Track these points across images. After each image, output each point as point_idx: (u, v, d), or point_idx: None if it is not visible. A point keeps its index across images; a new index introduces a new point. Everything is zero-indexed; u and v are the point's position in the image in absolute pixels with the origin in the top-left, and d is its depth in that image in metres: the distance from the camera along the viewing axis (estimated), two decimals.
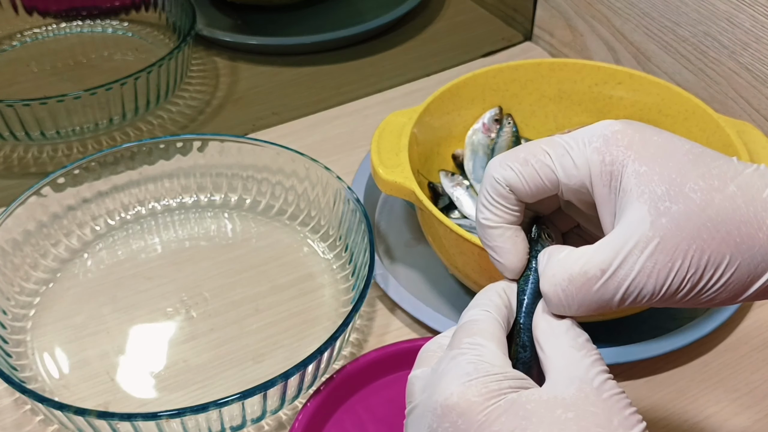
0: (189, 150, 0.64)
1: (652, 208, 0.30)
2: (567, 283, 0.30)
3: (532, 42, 0.89)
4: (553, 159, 0.32)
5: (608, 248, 0.30)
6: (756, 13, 0.62)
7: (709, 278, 0.30)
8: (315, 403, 0.49)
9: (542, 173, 0.32)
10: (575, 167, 0.32)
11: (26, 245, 0.59)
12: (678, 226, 0.29)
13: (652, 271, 0.29)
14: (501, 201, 0.34)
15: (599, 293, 0.30)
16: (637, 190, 0.30)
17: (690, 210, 0.29)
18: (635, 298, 0.30)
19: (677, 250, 0.29)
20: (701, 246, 0.29)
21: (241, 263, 0.62)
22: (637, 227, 0.30)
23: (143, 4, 0.89)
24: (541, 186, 0.33)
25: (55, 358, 0.55)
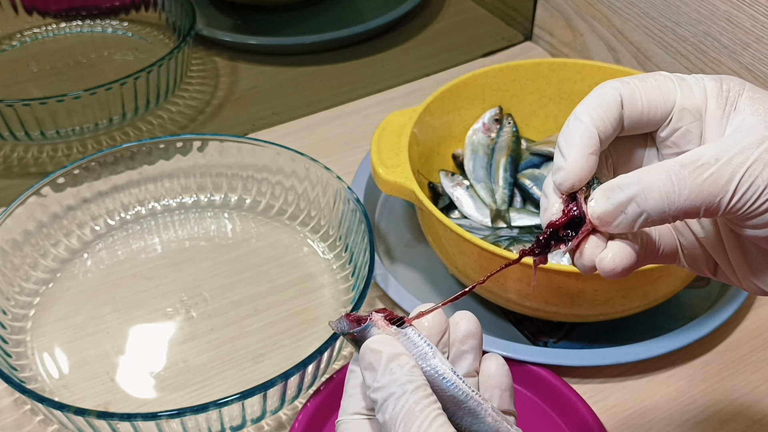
0: (189, 150, 0.64)
1: (766, 119, 0.29)
2: (679, 167, 0.29)
3: (532, 42, 0.89)
4: (672, 79, 0.32)
5: (721, 144, 0.29)
6: (756, 13, 0.62)
7: None
8: (315, 403, 0.49)
9: (662, 89, 0.31)
10: (691, 89, 0.31)
11: (26, 245, 0.59)
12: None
13: None
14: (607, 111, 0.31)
15: (712, 179, 0.28)
16: (750, 108, 0.30)
17: None
18: (748, 191, 0.28)
19: None
20: None
21: (240, 263, 0.62)
22: (752, 128, 0.29)
23: (143, 4, 0.89)
24: (656, 101, 0.31)
25: (55, 358, 0.55)
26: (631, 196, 0.29)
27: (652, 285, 0.51)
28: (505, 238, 0.57)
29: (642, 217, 0.30)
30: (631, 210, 0.30)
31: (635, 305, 0.53)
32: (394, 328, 0.32)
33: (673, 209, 0.29)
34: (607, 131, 0.31)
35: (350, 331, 0.33)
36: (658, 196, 0.29)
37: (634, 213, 0.30)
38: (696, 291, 0.59)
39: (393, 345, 0.31)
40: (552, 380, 0.51)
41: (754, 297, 0.59)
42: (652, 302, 0.54)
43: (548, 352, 0.52)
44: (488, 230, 0.59)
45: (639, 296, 0.52)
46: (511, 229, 0.58)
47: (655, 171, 0.29)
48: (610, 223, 0.30)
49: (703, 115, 0.31)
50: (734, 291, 0.56)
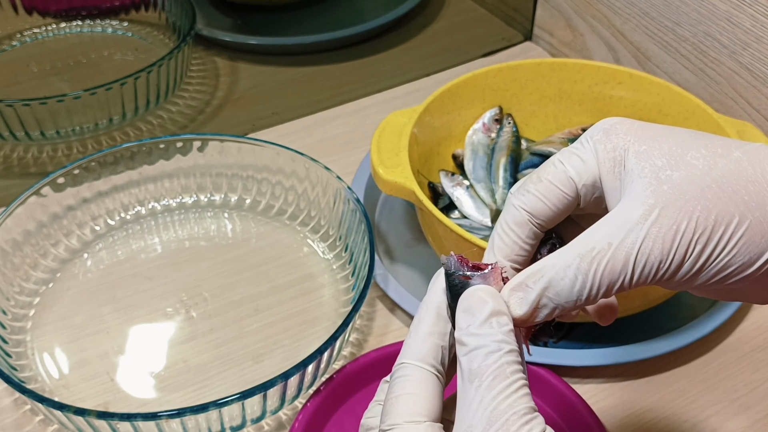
0: (189, 150, 0.64)
1: (653, 179, 0.29)
2: (579, 260, 0.30)
3: (532, 42, 0.89)
4: (564, 164, 0.32)
5: (613, 222, 0.30)
6: (756, 12, 0.62)
7: (718, 239, 0.29)
8: (315, 404, 0.49)
9: (558, 182, 0.32)
10: (583, 162, 0.32)
11: (26, 245, 0.59)
12: (680, 190, 0.29)
13: (657, 236, 0.29)
14: (517, 231, 0.33)
15: (609, 265, 0.29)
16: (638, 168, 0.30)
17: (692, 174, 0.29)
18: (645, 268, 0.29)
19: (681, 213, 0.29)
20: (706, 206, 0.28)
21: (240, 263, 0.62)
22: (639, 199, 0.29)
23: (143, 4, 0.89)
24: (560, 197, 0.32)
25: (55, 358, 0.55)
26: (540, 292, 0.31)
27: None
28: None
29: (557, 309, 0.31)
30: (544, 304, 0.31)
31: (635, 305, 0.53)
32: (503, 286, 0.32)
33: (582, 297, 0.30)
34: (522, 251, 0.33)
35: (465, 273, 0.32)
36: (566, 291, 0.30)
37: (548, 308, 0.31)
38: None
39: (500, 302, 0.31)
40: (552, 380, 0.51)
41: None
42: (652, 302, 0.54)
43: (548, 352, 0.52)
44: (488, 230, 0.59)
45: (639, 296, 0.52)
46: None
47: (558, 265, 0.30)
48: (528, 320, 0.31)
49: (601, 183, 0.32)
50: None
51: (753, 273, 0.29)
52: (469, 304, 0.31)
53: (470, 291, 0.31)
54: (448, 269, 0.32)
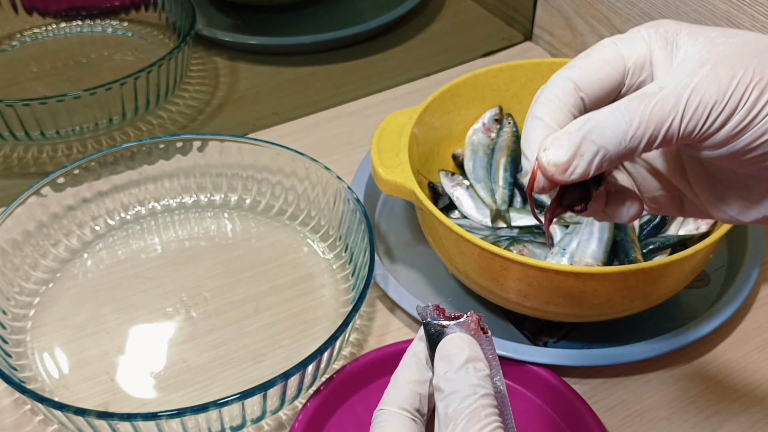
0: (189, 150, 0.64)
1: (708, 43, 0.29)
2: (627, 101, 0.29)
3: (532, 42, 0.89)
4: (615, 43, 0.32)
5: (667, 75, 0.30)
6: (756, 13, 0.62)
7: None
8: (315, 404, 0.49)
9: (607, 56, 0.31)
10: (633, 43, 0.31)
11: (26, 245, 0.59)
12: (737, 49, 0.29)
13: (714, 77, 0.28)
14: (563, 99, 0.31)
15: (660, 104, 0.29)
16: (691, 41, 0.30)
17: (747, 40, 0.29)
18: (698, 108, 0.29)
19: (738, 63, 0.29)
20: (762, 62, 0.29)
21: (240, 263, 0.62)
22: (694, 56, 0.29)
23: (143, 4, 0.89)
24: (608, 72, 0.31)
25: (55, 358, 0.55)
26: (584, 135, 0.29)
27: (652, 285, 0.51)
28: (505, 238, 0.57)
29: (599, 156, 0.29)
30: (587, 149, 0.29)
31: (635, 305, 0.53)
32: (481, 335, 0.34)
33: (627, 140, 0.29)
34: (566, 118, 0.31)
35: (441, 322, 0.33)
36: (612, 131, 0.29)
37: (590, 152, 0.29)
38: (696, 291, 0.59)
39: (477, 349, 0.32)
40: (552, 380, 0.51)
41: (754, 297, 0.59)
42: (652, 302, 0.54)
43: (548, 352, 0.52)
44: (488, 230, 0.59)
45: (639, 296, 0.52)
46: (511, 229, 0.58)
47: (604, 110, 0.29)
48: (566, 170, 0.30)
49: (651, 62, 0.31)
50: (734, 291, 0.56)
51: None
52: (447, 352, 0.32)
53: (448, 339, 0.33)
54: (424, 318, 0.34)
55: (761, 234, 0.60)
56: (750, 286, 0.56)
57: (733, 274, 0.58)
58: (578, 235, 0.55)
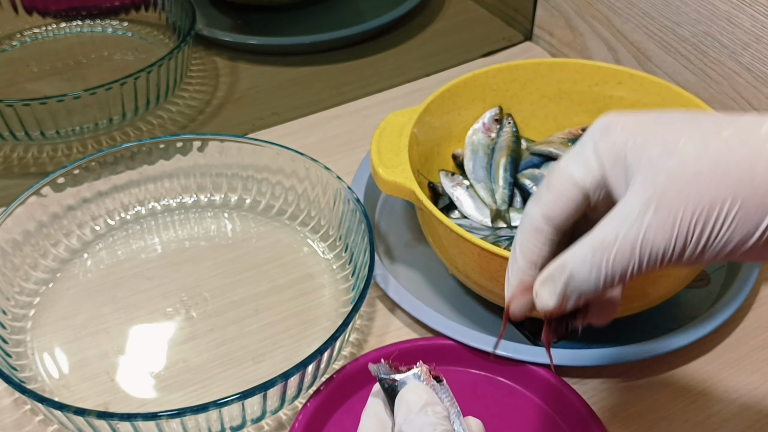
0: (189, 150, 0.64)
1: (649, 171, 0.31)
2: (592, 254, 0.32)
3: (532, 42, 0.89)
4: (569, 169, 0.34)
5: (618, 215, 0.32)
6: (756, 13, 0.62)
7: (715, 220, 0.30)
8: (315, 404, 0.49)
9: (566, 188, 0.34)
10: (587, 165, 0.34)
11: (26, 245, 0.59)
12: (675, 179, 0.31)
13: (658, 225, 0.31)
14: (537, 237, 0.36)
15: (619, 255, 0.32)
16: (636, 161, 0.32)
17: (685, 161, 0.31)
18: (651, 255, 0.31)
19: (677, 201, 0.30)
20: (699, 191, 0.30)
21: (241, 263, 0.62)
22: (638, 191, 0.32)
23: (143, 4, 0.89)
24: (570, 200, 0.35)
25: (55, 358, 0.55)
26: (565, 282, 0.34)
27: (652, 285, 0.51)
28: (505, 238, 0.57)
29: (582, 298, 0.34)
30: (570, 293, 0.34)
31: (635, 305, 0.53)
32: (434, 383, 0.37)
33: (600, 285, 0.33)
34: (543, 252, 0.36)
35: (392, 377, 0.36)
36: (585, 280, 0.33)
37: (573, 297, 0.34)
38: (696, 291, 0.59)
39: (433, 395, 0.36)
40: (552, 380, 0.51)
41: (754, 297, 0.59)
42: (652, 302, 0.54)
43: None
44: (488, 230, 0.59)
45: (639, 296, 0.52)
46: (511, 229, 0.58)
47: (577, 257, 0.33)
48: (563, 309, 0.35)
49: (606, 179, 0.34)
50: (734, 291, 0.56)
51: (754, 244, 0.31)
52: (405, 399, 0.35)
53: (405, 389, 0.36)
54: (378, 376, 0.37)
55: None
56: (750, 286, 0.56)
57: (733, 273, 0.58)
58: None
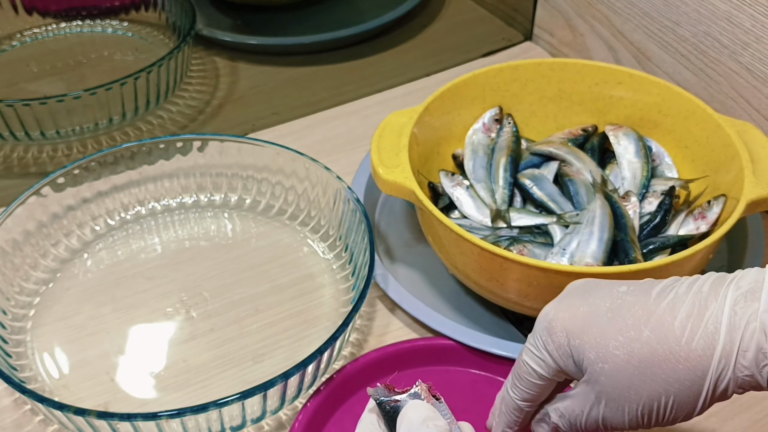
0: (189, 150, 0.65)
1: (592, 372, 0.37)
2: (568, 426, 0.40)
3: (532, 42, 0.89)
4: (531, 365, 0.40)
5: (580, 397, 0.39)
6: (756, 12, 0.62)
7: (657, 410, 0.36)
8: (315, 403, 0.49)
9: (532, 379, 0.40)
10: (543, 360, 0.39)
11: (26, 245, 0.59)
12: (614, 380, 0.36)
13: (613, 413, 0.37)
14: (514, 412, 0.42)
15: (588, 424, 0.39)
16: (579, 359, 0.38)
17: (618, 366, 0.36)
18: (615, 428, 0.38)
19: (621, 398, 0.36)
20: (638, 390, 0.36)
21: (241, 263, 0.62)
22: (590, 385, 0.37)
23: (143, 4, 0.89)
24: (538, 386, 0.40)
25: (55, 358, 0.55)
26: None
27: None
28: (505, 238, 0.57)
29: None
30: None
31: None
32: (434, 401, 0.38)
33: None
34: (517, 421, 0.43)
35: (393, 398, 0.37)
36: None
37: None
38: None
39: (434, 412, 0.38)
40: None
41: None
42: None
43: None
44: (488, 230, 0.59)
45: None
46: (511, 229, 0.58)
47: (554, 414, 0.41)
48: None
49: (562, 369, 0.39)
50: None
51: (700, 412, 0.36)
52: (407, 417, 0.38)
53: (407, 407, 0.38)
54: (377, 399, 0.38)
55: (761, 234, 0.60)
56: None
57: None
58: (578, 235, 0.55)
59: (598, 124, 0.66)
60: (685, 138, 0.62)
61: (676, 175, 0.62)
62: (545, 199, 0.60)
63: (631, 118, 0.65)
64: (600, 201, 0.57)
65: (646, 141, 0.63)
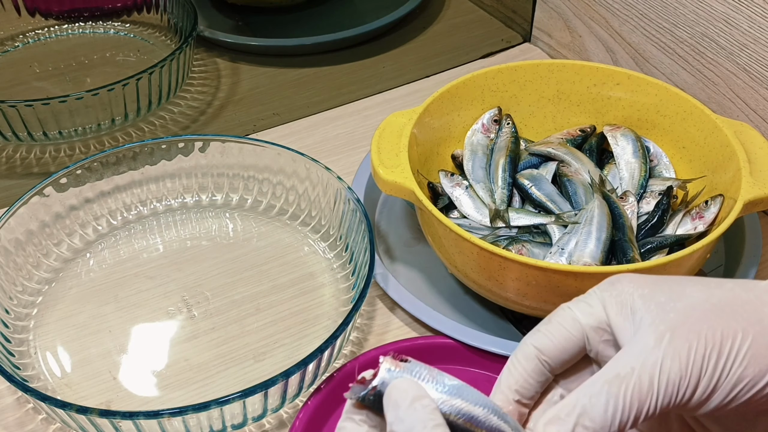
0: (191, 150, 0.65)
1: (659, 311, 0.33)
2: (608, 386, 0.32)
3: (530, 43, 0.89)
4: (572, 308, 0.35)
5: (631, 351, 0.33)
6: (753, 14, 0.62)
7: (728, 351, 0.32)
8: (315, 402, 0.50)
9: (564, 322, 0.35)
10: (590, 307, 0.35)
11: (29, 245, 0.59)
12: (685, 316, 0.32)
13: (674, 354, 0.32)
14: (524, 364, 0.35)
15: (636, 387, 0.32)
16: (644, 306, 0.33)
17: (693, 303, 0.32)
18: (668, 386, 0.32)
19: (690, 333, 0.32)
20: (711, 325, 0.32)
21: (242, 263, 0.62)
22: (650, 328, 0.33)
23: (145, 6, 0.90)
24: (566, 336, 0.35)
25: (58, 357, 0.55)
26: (576, 420, 0.32)
27: None
28: (504, 237, 0.58)
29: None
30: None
31: None
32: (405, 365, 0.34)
33: (616, 424, 0.32)
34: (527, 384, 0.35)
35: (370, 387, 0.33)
36: (600, 417, 0.32)
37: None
38: None
39: (418, 387, 0.33)
40: None
41: None
42: None
43: None
44: (487, 230, 0.59)
45: None
46: (510, 229, 0.59)
47: (588, 393, 0.32)
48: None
49: (610, 326, 0.35)
50: None
51: (763, 388, 0.32)
52: (392, 399, 0.33)
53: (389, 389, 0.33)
54: (357, 396, 0.34)
55: (758, 233, 0.60)
56: None
57: (731, 273, 0.58)
58: (576, 234, 0.56)
59: (596, 124, 0.67)
60: (683, 138, 0.62)
61: (673, 175, 0.63)
62: (544, 199, 0.61)
63: (629, 119, 0.65)
64: (598, 201, 0.57)
65: (644, 141, 0.64)
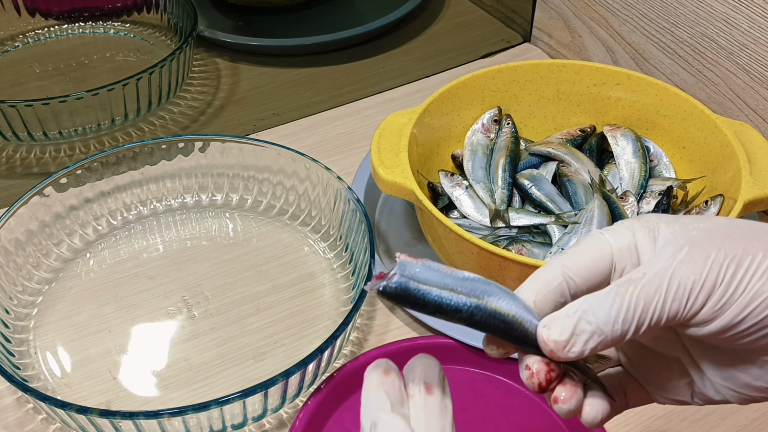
0: (191, 150, 0.65)
1: (682, 230, 0.32)
2: (616, 287, 0.32)
3: (530, 43, 0.89)
4: (602, 231, 0.35)
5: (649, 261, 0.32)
6: (753, 14, 0.62)
7: (747, 265, 0.31)
8: (316, 402, 0.50)
9: (595, 243, 0.34)
10: (619, 232, 0.34)
11: (29, 245, 0.59)
12: (708, 232, 0.32)
13: (690, 261, 0.31)
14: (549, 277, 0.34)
15: (644, 288, 0.31)
16: (668, 229, 0.33)
17: (717, 225, 0.32)
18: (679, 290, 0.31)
19: (711, 246, 0.31)
20: (733, 242, 0.31)
21: (242, 263, 0.62)
22: (670, 242, 0.32)
23: (145, 6, 0.90)
24: (594, 256, 0.34)
25: (58, 357, 0.55)
26: (581, 316, 0.32)
27: None
28: (504, 237, 0.58)
29: (594, 337, 0.32)
30: (583, 329, 0.32)
31: None
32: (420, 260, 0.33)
33: (619, 323, 0.31)
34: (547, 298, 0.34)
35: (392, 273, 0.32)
36: (604, 314, 0.31)
37: (586, 333, 0.32)
38: None
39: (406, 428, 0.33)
40: None
41: None
42: None
43: None
44: (487, 230, 0.59)
45: None
46: (510, 229, 0.59)
47: (598, 294, 0.32)
48: (564, 347, 0.32)
49: (636, 247, 0.34)
50: None
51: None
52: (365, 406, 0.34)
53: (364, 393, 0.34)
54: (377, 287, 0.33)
55: None
56: None
57: None
58: (576, 234, 0.56)
59: (596, 124, 0.67)
60: (683, 138, 0.62)
61: (673, 175, 0.63)
62: (544, 199, 0.61)
63: (629, 119, 0.65)
64: (598, 201, 0.57)
65: (644, 141, 0.64)
